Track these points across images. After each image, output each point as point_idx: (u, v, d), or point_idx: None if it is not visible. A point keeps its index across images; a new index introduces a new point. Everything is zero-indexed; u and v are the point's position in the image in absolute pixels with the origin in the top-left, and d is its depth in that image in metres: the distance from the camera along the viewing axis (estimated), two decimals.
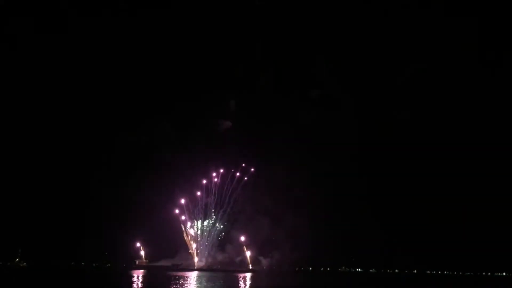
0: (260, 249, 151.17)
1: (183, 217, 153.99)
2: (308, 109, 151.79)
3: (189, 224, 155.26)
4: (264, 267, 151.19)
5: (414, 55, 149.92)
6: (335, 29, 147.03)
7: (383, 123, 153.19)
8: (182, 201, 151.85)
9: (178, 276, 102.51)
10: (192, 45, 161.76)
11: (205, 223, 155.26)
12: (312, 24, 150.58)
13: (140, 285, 66.88)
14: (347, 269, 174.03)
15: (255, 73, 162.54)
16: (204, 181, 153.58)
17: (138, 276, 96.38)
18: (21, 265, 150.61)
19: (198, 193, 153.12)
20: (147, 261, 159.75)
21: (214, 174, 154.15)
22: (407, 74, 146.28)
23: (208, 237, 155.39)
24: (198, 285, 74.67)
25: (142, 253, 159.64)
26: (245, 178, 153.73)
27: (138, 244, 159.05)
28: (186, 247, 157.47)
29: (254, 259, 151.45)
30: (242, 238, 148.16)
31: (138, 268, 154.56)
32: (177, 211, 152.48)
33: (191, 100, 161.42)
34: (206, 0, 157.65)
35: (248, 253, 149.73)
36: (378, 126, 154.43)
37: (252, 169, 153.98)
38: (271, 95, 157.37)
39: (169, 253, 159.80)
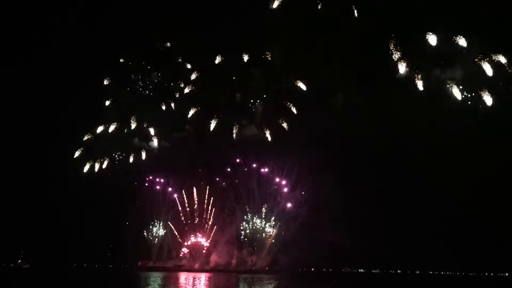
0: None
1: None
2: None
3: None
4: (267, 268, 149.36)
5: None
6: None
7: None
8: None
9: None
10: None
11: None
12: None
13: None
14: (349, 270, 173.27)
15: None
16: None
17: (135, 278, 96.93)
18: (24, 266, 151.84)
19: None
20: (151, 262, 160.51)
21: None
22: None
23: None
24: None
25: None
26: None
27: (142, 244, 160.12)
28: (194, 246, 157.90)
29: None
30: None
31: (141, 269, 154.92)
32: None
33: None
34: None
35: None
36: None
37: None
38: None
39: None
